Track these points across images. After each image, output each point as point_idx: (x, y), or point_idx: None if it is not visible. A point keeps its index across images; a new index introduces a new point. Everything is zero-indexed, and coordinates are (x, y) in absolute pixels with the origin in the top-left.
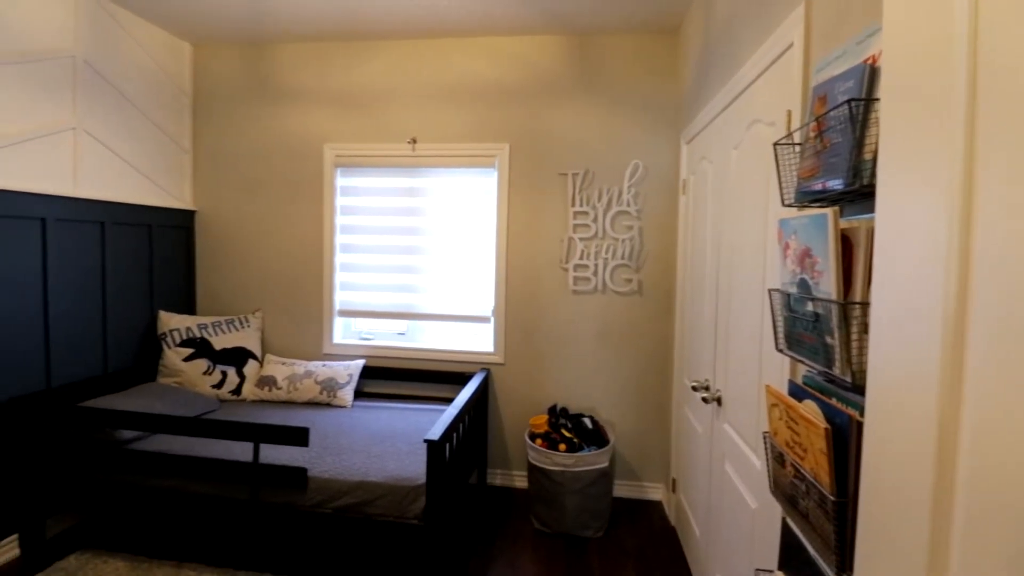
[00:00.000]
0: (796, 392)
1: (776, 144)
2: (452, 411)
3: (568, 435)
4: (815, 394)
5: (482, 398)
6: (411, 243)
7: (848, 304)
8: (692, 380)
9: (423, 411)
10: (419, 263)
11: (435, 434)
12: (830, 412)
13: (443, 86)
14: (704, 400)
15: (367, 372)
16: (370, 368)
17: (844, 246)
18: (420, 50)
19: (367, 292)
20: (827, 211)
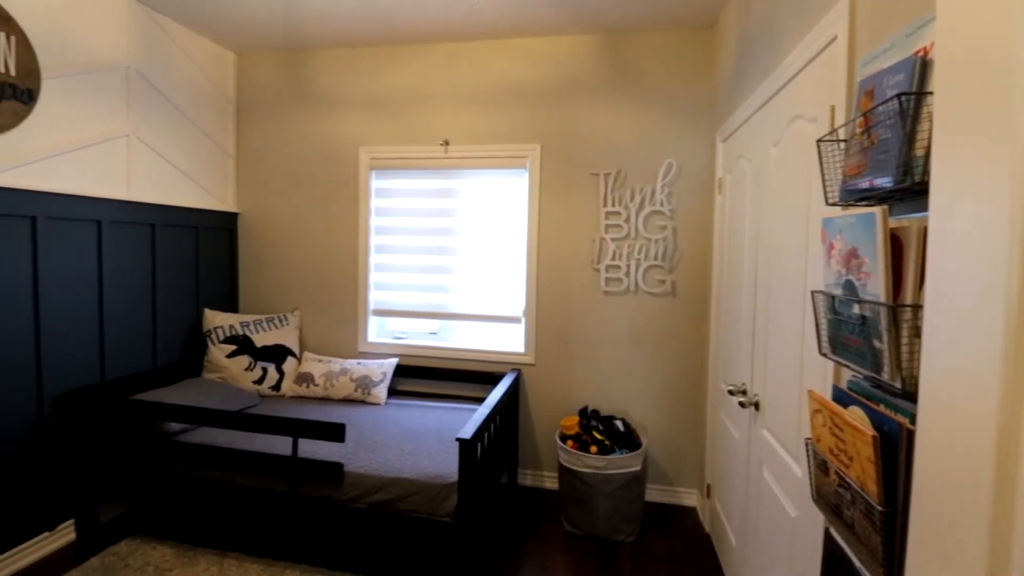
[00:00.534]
0: (841, 398)
1: (820, 141)
2: (484, 410)
3: (599, 437)
4: (861, 400)
5: (513, 398)
6: (444, 244)
7: (898, 307)
8: (728, 384)
9: (455, 410)
10: (451, 264)
11: (467, 433)
12: (877, 419)
13: (475, 88)
14: (741, 404)
15: (400, 370)
16: (403, 367)
17: (893, 246)
18: (452, 53)
19: (401, 292)
20: (875, 210)
